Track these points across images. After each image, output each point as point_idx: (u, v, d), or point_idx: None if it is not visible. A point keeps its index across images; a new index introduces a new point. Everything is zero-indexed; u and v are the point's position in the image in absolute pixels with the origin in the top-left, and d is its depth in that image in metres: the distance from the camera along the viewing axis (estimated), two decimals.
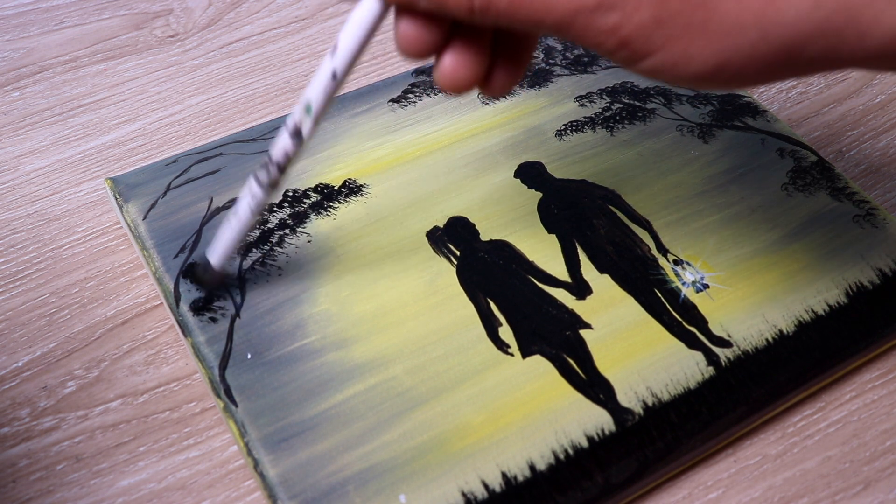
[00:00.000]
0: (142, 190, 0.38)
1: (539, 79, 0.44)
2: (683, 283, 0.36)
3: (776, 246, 0.38)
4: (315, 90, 0.29)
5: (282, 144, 0.30)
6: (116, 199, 0.38)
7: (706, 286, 0.36)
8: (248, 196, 0.31)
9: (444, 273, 0.36)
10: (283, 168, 0.30)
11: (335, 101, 0.42)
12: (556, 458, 0.31)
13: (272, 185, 0.31)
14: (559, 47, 0.46)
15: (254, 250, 0.37)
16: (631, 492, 0.32)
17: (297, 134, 0.29)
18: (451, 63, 0.27)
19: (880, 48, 0.24)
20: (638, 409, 0.33)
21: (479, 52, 0.27)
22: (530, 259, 0.37)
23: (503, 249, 0.37)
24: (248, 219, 0.32)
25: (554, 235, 0.38)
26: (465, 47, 0.27)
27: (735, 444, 0.34)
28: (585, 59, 0.45)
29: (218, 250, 0.34)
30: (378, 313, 0.35)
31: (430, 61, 0.47)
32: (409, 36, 0.26)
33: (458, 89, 0.27)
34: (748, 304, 0.36)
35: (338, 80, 0.28)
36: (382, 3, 0.26)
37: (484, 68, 0.27)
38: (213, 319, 0.34)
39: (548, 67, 0.45)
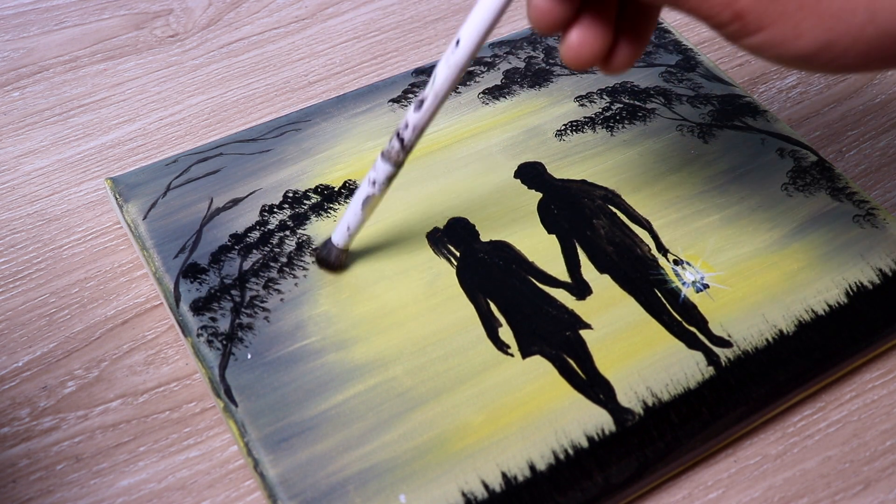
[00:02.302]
0: (142, 190, 0.38)
1: (539, 79, 0.44)
2: (683, 283, 0.36)
3: (776, 246, 0.38)
4: (440, 63, 0.29)
5: (406, 116, 0.30)
6: (116, 199, 0.38)
7: (706, 286, 0.36)
8: (371, 170, 0.32)
9: (444, 274, 0.36)
10: (402, 139, 0.31)
11: (338, 103, 0.43)
12: (556, 458, 0.31)
13: (392, 160, 0.31)
14: None
15: (254, 251, 0.37)
16: (631, 492, 0.32)
17: (419, 105, 0.30)
18: (578, 38, 0.27)
19: None
20: (638, 409, 0.33)
21: (605, 27, 0.27)
22: (530, 259, 0.37)
23: (503, 250, 0.37)
24: (367, 191, 0.33)
25: (554, 236, 0.38)
26: (592, 22, 0.27)
27: (735, 444, 0.34)
28: None
29: (340, 228, 0.34)
30: (378, 314, 0.35)
31: (431, 61, 0.47)
32: (543, 8, 0.27)
33: (583, 64, 0.28)
34: (748, 304, 0.36)
35: (462, 50, 0.28)
36: None
37: (609, 43, 0.28)
38: (213, 319, 0.34)
39: (548, 67, 0.45)
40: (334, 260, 0.35)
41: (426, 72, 0.44)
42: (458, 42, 0.28)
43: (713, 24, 0.25)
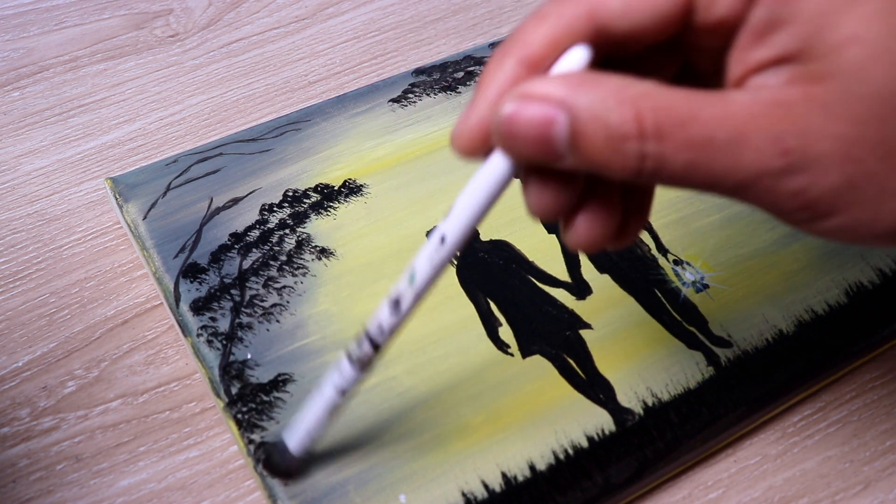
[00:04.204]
0: (142, 190, 0.38)
1: None
2: (683, 283, 0.36)
3: (776, 246, 0.38)
4: (421, 257, 0.24)
5: (378, 316, 0.26)
6: (116, 199, 0.38)
7: (706, 286, 0.36)
8: (336, 372, 0.27)
9: (444, 273, 0.36)
10: (376, 344, 0.26)
11: (338, 103, 0.43)
12: (556, 458, 0.31)
13: (364, 364, 0.26)
14: None
15: (254, 250, 0.37)
16: (631, 492, 0.32)
17: (395, 305, 0.25)
18: (586, 225, 0.24)
19: None
20: (638, 409, 0.33)
21: (613, 208, 0.24)
22: (530, 259, 0.37)
23: (503, 249, 0.37)
24: (333, 400, 0.28)
25: (554, 235, 0.38)
26: (600, 205, 0.24)
27: (735, 444, 0.34)
28: None
29: (299, 434, 0.29)
30: None
31: (431, 61, 0.47)
32: (543, 198, 0.23)
33: (592, 250, 0.24)
34: (748, 304, 0.36)
35: (447, 248, 0.24)
36: (512, 166, 0.22)
37: (618, 223, 0.24)
38: (213, 319, 0.34)
39: None
40: (294, 470, 0.30)
41: (426, 72, 0.44)
42: (443, 239, 0.24)
43: (775, 212, 0.22)
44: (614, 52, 0.23)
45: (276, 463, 0.30)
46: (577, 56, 0.22)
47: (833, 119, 0.21)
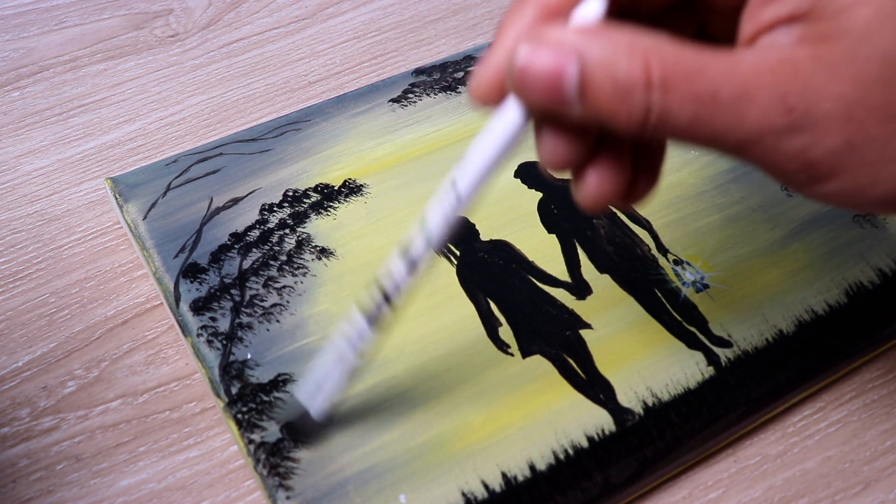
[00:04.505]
0: (142, 190, 0.38)
1: None
2: (683, 283, 0.36)
3: (776, 246, 0.38)
4: (433, 208, 0.24)
5: (388, 267, 0.25)
6: (116, 199, 0.38)
7: (706, 286, 0.36)
8: (350, 329, 0.27)
9: (443, 273, 0.36)
10: (388, 297, 0.25)
11: (338, 103, 0.43)
12: (556, 458, 0.31)
13: (373, 319, 0.26)
14: None
15: (254, 250, 0.37)
16: (631, 492, 0.32)
17: (404, 255, 0.25)
18: (596, 180, 0.24)
19: None
20: (638, 409, 0.33)
21: (623, 164, 0.24)
22: (530, 259, 0.37)
23: (503, 249, 0.37)
24: (350, 361, 0.27)
25: (554, 235, 0.38)
26: (610, 160, 0.24)
27: (735, 444, 0.34)
28: None
29: (318, 398, 0.29)
30: None
31: (431, 61, 0.47)
32: (555, 148, 0.23)
33: (602, 207, 0.24)
34: (748, 304, 0.36)
35: (459, 195, 0.24)
36: (525, 114, 0.22)
37: (628, 181, 0.24)
38: (213, 319, 0.34)
39: None
40: (316, 434, 0.31)
41: (426, 72, 0.44)
42: (453, 185, 0.24)
43: (775, 173, 0.22)
44: (631, 7, 0.23)
45: (299, 427, 0.30)
46: (593, 7, 0.22)
47: (837, 79, 0.21)
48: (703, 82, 0.20)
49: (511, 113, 0.23)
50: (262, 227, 0.37)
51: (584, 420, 0.32)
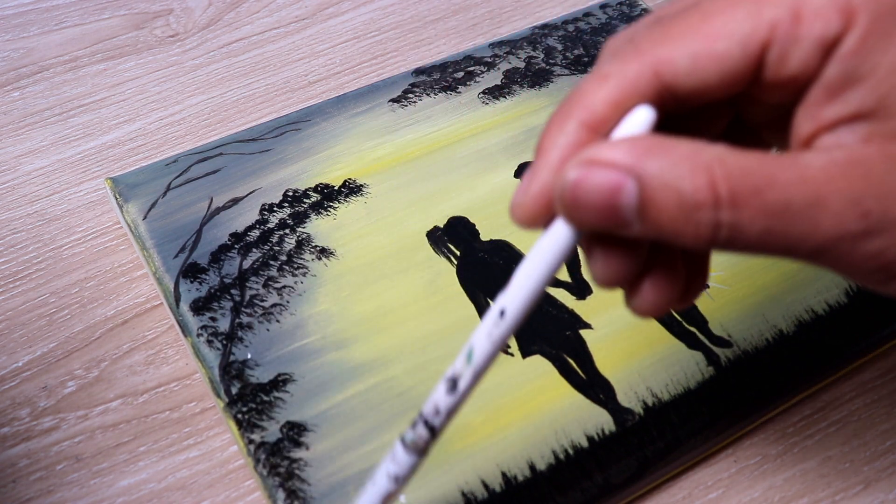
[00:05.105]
0: (142, 190, 0.38)
1: (539, 79, 0.44)
2: None
3: None
4: (480, 333, 0.23)
5: (434, 398, 0.24)
6: (116, 199, 0.38)
7: (706, 286, 0.36)
8: (389, 460, 0.25)
9: (444, 273, 0.36)
10: (432, 427, 0.24)
11: (338, 103, 0.43)
12: (556, 458, 0.31)
13: (419, 449, 0.25)
14: (559, 47, 0.46)
15: (254, 250, 0.37)
16: (631, 492, 0.32)
17: (452, 385, 0.24)
18: (653, 291, 0.23)
19: None
20: (638, 409, 0.33)
21: (677, 271, 0.23)
22: None
23: (503, 249, 0.37)
24: (387, 488, 0.26)
25: None
26: (665, 270, 0.23)
27: (735, 444, 0.34)
28: (585, 59, 0.45)
29: None
30: (378, 313, 0.35)
31: (431, 61, 0.47)
32: (609, 266, 0.22)
33: (659, 315, 0.24)
34: (748, 304, 0.36)
35: (508, 322, 0.23)
36: (575, 236, 0.21)
37: (683, 287, 0.23)
38: (213, 319, 0.34)
39: (548, 67, 0.45)
40: None
41: (426, 72, 0.44)
42: (502, 313, 0.23)
43: (850, 273, 0.22)
44: (674, 110, 0.22)
45: None
46: (642, 117, 0.21)
47: None
48: (773, 194, 0.20)
49: (560, 235, 0.22)
50: (262, 227, 0.37)
51: (584, 420, 0.32)
